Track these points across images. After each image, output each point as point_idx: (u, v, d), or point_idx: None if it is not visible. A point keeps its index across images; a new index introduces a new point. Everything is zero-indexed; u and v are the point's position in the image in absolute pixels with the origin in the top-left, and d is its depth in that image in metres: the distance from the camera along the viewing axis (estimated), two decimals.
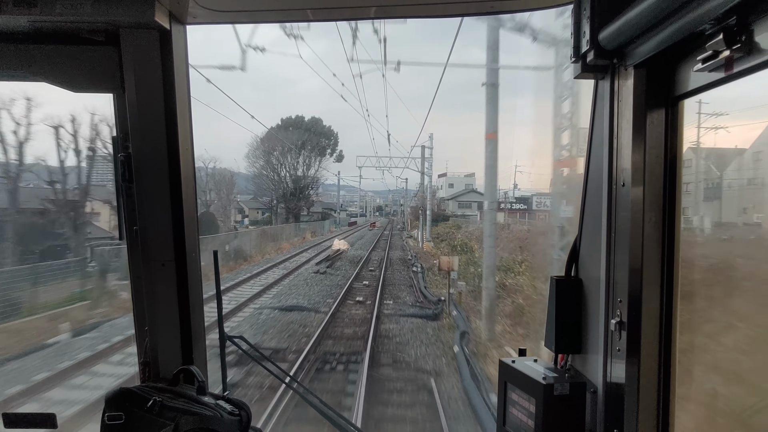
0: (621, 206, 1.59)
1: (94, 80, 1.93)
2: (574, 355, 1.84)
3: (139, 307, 2.10)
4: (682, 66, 1.41)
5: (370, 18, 1.96)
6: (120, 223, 2.02)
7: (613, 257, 1.62)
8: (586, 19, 1.56)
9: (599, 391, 1.67)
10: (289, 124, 67.23)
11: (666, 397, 1.54)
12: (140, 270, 2.05)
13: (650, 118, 1.51)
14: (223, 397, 1.89)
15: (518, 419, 1.78)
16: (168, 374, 2.03)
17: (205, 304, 2.21)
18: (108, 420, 1.82)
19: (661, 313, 1.54)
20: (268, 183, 65.92)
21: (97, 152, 25.27)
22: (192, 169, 2.06)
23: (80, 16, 1.78)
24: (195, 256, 2.09)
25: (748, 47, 1.12)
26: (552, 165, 12.89)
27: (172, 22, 1.89)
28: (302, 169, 67.06)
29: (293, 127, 66.22)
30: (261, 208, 69.93)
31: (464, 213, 75.47)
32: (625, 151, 1.55)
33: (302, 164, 66.94)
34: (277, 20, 1.99)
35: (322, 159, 69.41)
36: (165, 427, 1.73)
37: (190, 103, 2.04)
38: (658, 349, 1.54)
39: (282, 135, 62.45)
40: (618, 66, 1.57)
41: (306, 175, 67.43)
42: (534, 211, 51.78)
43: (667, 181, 1.52)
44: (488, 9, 1.89)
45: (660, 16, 1.25)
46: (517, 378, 1.79)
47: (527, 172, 69.65)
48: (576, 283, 1.83)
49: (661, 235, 1.53)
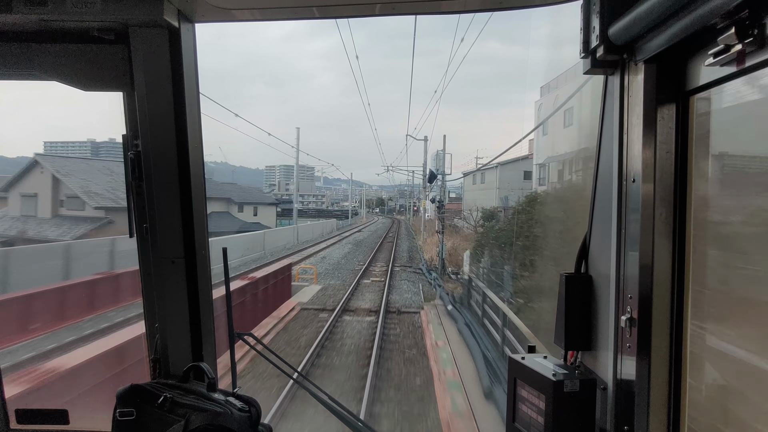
0: (631, 202, 1.58)
1: (104, 79, 1.95)
2: (584, 352, 1.83)
3: (149, 304, 2.12)
4: (693, 61, 1.39)
5: (375, 15, 1.96)
6: (130, 220, 2.04)
7: (623, 254, 1.61)
8: (596, 14, 1.55)
9: (609, 388, 1.66)
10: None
11: (677, 394, 1.53)
12: (150, 267, 2.06)
13: (661, 113, 1.49)
14: (233, 393, 1.90)
15: (528, 416, 1.77)
16: (178, 371, 2.05)
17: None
18: (119, 416, 1.84)
19: (671, 309, 1.53)
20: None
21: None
22: (201, 166, 2.07)
23: (90, 15, 1.79)
24: (204, 253, 2.10)
25: (760, 41, 1.11)
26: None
27: (181, 21, 1.89)
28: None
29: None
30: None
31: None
32: (635, 147, 1.54)
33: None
34: (284, 18, 1.99)
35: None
36: (176, 423, 1.75)
37: (199, 101, 2.05)
38: (669, 345, 1.53)
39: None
40: (628, 61, 1.56)
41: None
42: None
43: (677, 177, 1.51)
44: (496, 5, 1.89)
45: (671, 11, 1.24)
46: (527, 375, 1.79)
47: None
48: (586, 280, 1.82)
49: (671, 232, 1.52)
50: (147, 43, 1.88)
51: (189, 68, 1.95)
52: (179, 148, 1.97)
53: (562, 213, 11.30)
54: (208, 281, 2.13)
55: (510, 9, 1.88)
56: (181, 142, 1.96)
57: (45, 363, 7.55)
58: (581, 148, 14.59)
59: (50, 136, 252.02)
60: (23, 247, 22.17)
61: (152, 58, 1.89)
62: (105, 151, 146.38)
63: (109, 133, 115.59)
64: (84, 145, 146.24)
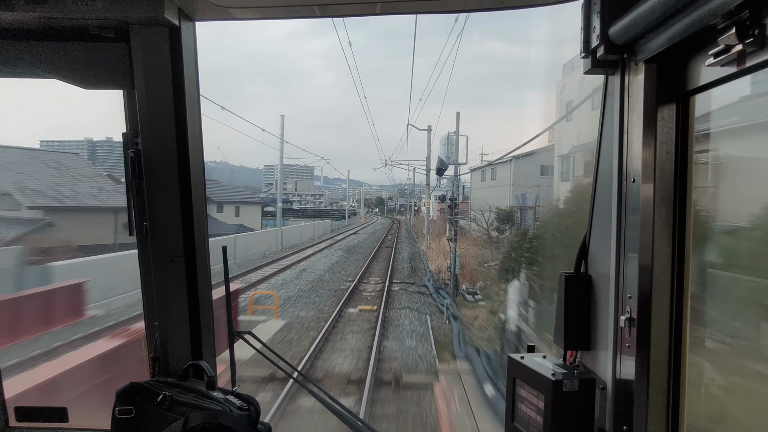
0: (631, 202, 1.58)
1: (104, 77, 1.95)
2: (583, 352, 1.83)
3: (149, 302, 2.12)
4: (693, 61, 1.40)
5: (376, 14, 1.95)
6: (130, 218, 2.04)
7: (623, 254, 1.61)
8: (596, 14, 1.55)
9: (608, 388, 1.67)
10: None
11: (676, 393, 1.53)
12: (150, 266, 2.06)
13: (661, 113, 1.50)
14: (232, 392, 1.90)
15: (527, 415, 1.78)
16: (178, 369, 2.05)
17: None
18: (118, 414, 1.84)
19: (671, 309, 1.53)
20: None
21: None
22: (201, 165, 2.07)
23: (90, 13, 1.79)
24: (204, 251, 2.10)
25: (761, 42, 1.11)
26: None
27: (182, 19, 1.89)
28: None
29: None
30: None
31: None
32: (635, 147, 1.54)
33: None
34: (284, 16, 1.98)
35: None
36: (175, 421, 1.75)
37: (199, 100, 2.05)
38: (668, 345, 1.54)
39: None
40: (628, 61, 1.56)
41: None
42: None
43: (677, 177, 1.51)
44: (496, 4, 1.88)
45: (672, 10, 1.24)
46: (526, 374, 1.79)
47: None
48: (585, 280, 1.82)
49: (671, 232, 1.52)
50: (147, 42, 1.88)
51: (189, 66, 1.95)
52: (179, 146, 1.97)
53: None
54: (207, 280, 2.13)
55: (510, 8, 1.88)
56: (181, 140, 1.96)
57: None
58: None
59: (50, 135, 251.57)
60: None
61: (152, 57, 1.89)
62: (102, 149, 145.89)
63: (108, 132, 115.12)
64: (81, 144, 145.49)
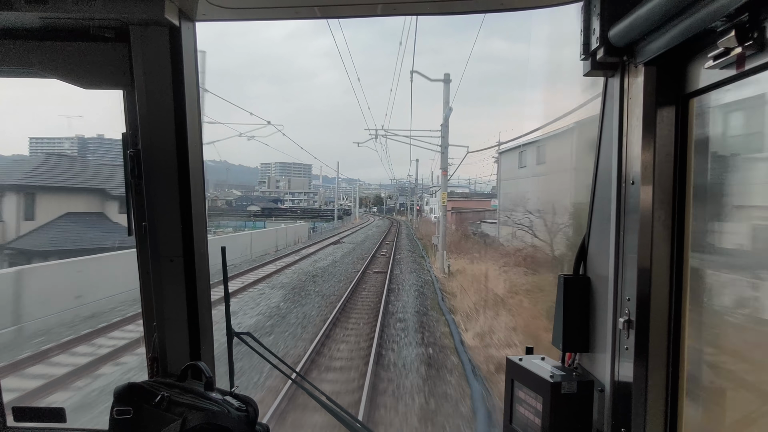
0: (630, 204, 1.58)
1: (104, 77, 1.95)
2: (581, 354, 1.83)
3: (147, 302, 2.12)
4: (692, 63, 1.40)
5: (377, 15, 1.96)
6: (129, 218, 2.04)
7: (621, 255, 1.61)
8: (596, 16, 1.55)
9: (607, 390, 1.66)
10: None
11: (674, 396, 1.53)
12: (149, 266, 2.06)
13: (660, 115, 1.50)
14: (231, 392, 1.90)
15: (525, 417, 1.77)
16: (176, 370, 2.05)
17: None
18: (117, 414, 1.84)
19: (669, 311, 1.53)
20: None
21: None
22: (201, 165, 2.07)
23: (91, 13, 1.79)
24: (203, 252, 2.10)
25: (760, 44, 1.11)
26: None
27: (182, 19, 1.89)
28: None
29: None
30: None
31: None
32: (634, 149, 1.54)
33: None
34: (284, 17, 1.98)
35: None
36: (173, 422, 1.74)
37: (199, 100, 2.05)
38: (666, 347, 1.53)
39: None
40: (628, 63, 1.56)
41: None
42: None
43: (677, 179, 1.51)
44: (497, 6, 1.89)
45: (671, 13, 1.24)
46: (525, 376, 1.79)
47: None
48: (584, 282, 1.82)
49: (670, 234, 1.52)
50: (147, 42, 1.87)
51: (189, 67, 1.95)
52: (179, 146, 1.96)
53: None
54: (206, 280, 2.13)
55: (511, 10, 1.88)
56: (180, 141, 1.96)
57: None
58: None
59: (49, 134, 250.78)
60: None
61: (153, 57, 1.89)
62: (93, 148, 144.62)
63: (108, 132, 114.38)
64: (72, 141, 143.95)
